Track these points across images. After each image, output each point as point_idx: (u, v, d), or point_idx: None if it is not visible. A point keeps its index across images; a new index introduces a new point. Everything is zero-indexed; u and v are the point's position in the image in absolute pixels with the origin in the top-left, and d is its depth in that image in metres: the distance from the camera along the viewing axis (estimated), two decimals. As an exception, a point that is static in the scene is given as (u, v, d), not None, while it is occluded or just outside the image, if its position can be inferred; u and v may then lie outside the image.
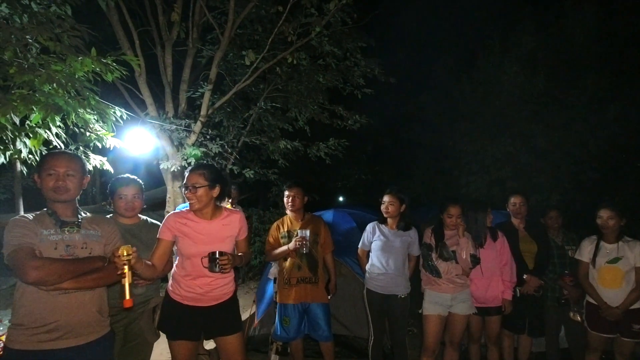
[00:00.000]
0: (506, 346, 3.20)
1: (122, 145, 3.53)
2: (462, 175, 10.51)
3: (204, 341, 3.61)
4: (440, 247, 2.88)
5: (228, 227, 2.16)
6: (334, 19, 4.89)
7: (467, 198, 2.81)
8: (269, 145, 6.14)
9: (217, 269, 2.00)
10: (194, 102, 5.39)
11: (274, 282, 3.30)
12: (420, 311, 3.05)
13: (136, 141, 3.86)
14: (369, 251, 3.20)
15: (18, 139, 2.69)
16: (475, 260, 2.81)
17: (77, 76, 2.67)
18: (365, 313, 3.20)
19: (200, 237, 2.09)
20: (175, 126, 4.54)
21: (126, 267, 1.58)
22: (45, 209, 1.72)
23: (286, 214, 3.21)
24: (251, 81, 5.08)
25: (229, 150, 5.53)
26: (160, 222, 2.33)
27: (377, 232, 3.11)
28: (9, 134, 2.61)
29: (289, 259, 3.05)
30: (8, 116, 2.43)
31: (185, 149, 4.62)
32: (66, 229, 1.69)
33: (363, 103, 6.50)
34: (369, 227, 3.18)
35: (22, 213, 3.21)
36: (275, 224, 3.18)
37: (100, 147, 3.39)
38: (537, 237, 3.20)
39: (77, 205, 1.82)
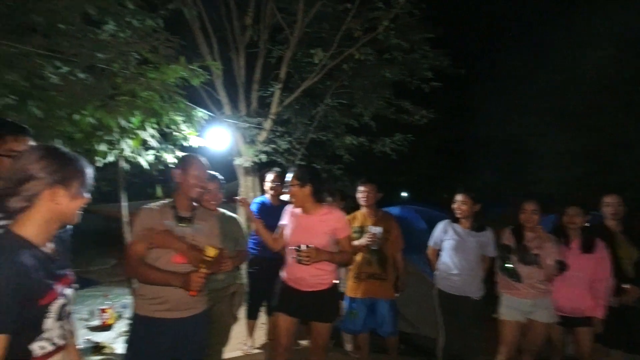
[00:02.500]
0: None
1: (203, 143, 3.84)
2: (534, 171, 9.73)
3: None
4: (521, 250, 2.73)
5: (324, 223, 2.35)
6: (401, 10, 4.79)
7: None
8: (334, 140, 6.23)
9: (300, 260, 2.21)
10: (263, 100, 5.65)
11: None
12: (495, 316, 2.92)
13: (215, 139, 4.17)
14: (438, 250, 3.14)
15: (122, 140, 3.07)
16: (562, 267, 2.61)
17: (168, 82, 2.97)
18: (434, 313, 3.15)
19: (298, 229, 2.37)
20: (248, 124, 4.81)
21: (204, 265, 1.77)
22: (170, 201, 1.98)
23: (351, 208, 3.29)
24: (318, 79, 5.19)
25: (297, 147, 5.71)
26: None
27: (450, 232, 3.03)
28: (116, 135, 3.00)
29: (359, 254, 3.11)
30: (115, 121, 2.79)
31: (256, 145, 4.89)
32: (182, 224, 1.94)
33: (430, 96, 6.30)
34: (441, 225, 3.11)
35: (124, 204, 3.67)
36: (347, 218, 3.22)
37: (186, 145, 3.72)
38: (637, 242, 2.88)
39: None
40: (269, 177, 3.67)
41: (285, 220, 2.52)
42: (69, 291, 1.25)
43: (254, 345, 3.67)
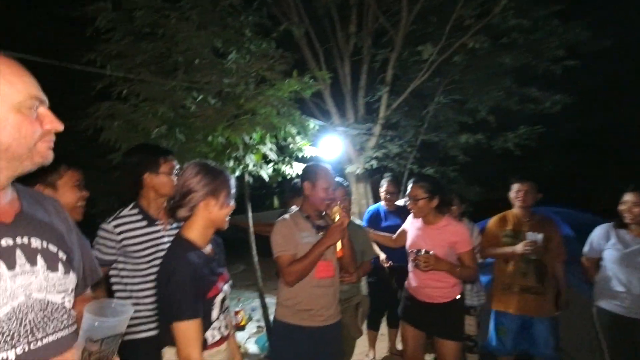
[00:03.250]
0: None
1: (317, 154, 3.95)
2: None
3: (397, 342, 3.68)
4: None
5: (443, 235, 2.28)
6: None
7: None
8: (447, 141, 5.80)
9: (417, 265, 2.23)
10: (371, 106, 5.59)
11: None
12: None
13: (327, 148, 4.26)
14: (597, 259, 2.58)
15: (247, 156, 3.36)
16: None
17: (283, 97, 3.15)
18: (592, 337, 2.59)
19: (417, 237, 2.37)
20: (357, 131, 4.81)
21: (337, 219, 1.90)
22: (298, 211, 2.08)
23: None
24: (427, 76, 4.92)
25: (408, 150, 5.48)
26: None
27: (614, 239, 2.46)
28: (241, 152, 3.29)
29: (511, 262, 2.71)
30: (240, 138, 3.05)
31: (367, 152, 4.84)
32: (321, 232, 2.01)
33: (564, 78, 5.38)
34: (600, 230, 2.55)
35: (250, 214, 4.00)
36: (495, 219, 2.86)
37: (300, 156, 3.89)
38: None
39: None
40: (384, 183, 3.61)
41: (406, 226, 2.54)
42: (226, 287, 1.43)
43: (376, 357, 3.57)
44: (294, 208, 3.03)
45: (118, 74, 2.87)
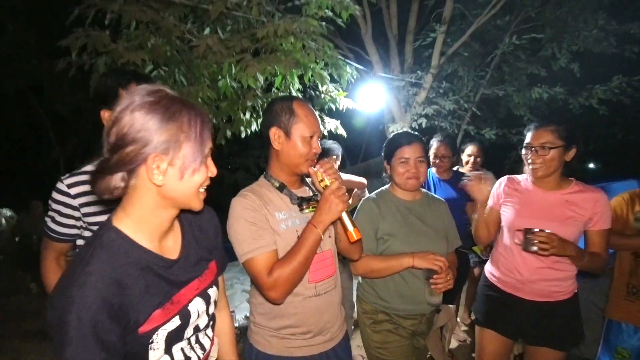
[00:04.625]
0: None
1: (354, 106, 3.19)
2: None
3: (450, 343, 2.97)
4: None
5: (572, 206, 1.56)
6: None
7: None
8: (514, 97, 4.74)
9: (532, 248, 1.51)
10: (420, 54, 4.65)
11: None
12: None
13: (367, 98, 3.46)
14: None
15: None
16: None
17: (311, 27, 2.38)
18: None
19: (527, 209, 1.65)
20: (404, 82, 3.94)
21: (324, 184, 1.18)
22: (264, 179, 1.27)
23: None
24: (494, 13, 3.89)
25: (465, 106, 4.53)
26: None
27: None
28: (259, 100, 2.60)
29: (637, 257, 1.86)
30: (254, 79, 2.34)
31: (414, 108, 3.98)
32: (307, 209, 1.26)
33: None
34: None
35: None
36: (624, 196, 1.99)
37: (334, 109, 3.15)
38: None
39: None
40: (434, 144, 2.81)
41: (494, 198, 1.79)
42: (198, 302, 0.85)
43: None
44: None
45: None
